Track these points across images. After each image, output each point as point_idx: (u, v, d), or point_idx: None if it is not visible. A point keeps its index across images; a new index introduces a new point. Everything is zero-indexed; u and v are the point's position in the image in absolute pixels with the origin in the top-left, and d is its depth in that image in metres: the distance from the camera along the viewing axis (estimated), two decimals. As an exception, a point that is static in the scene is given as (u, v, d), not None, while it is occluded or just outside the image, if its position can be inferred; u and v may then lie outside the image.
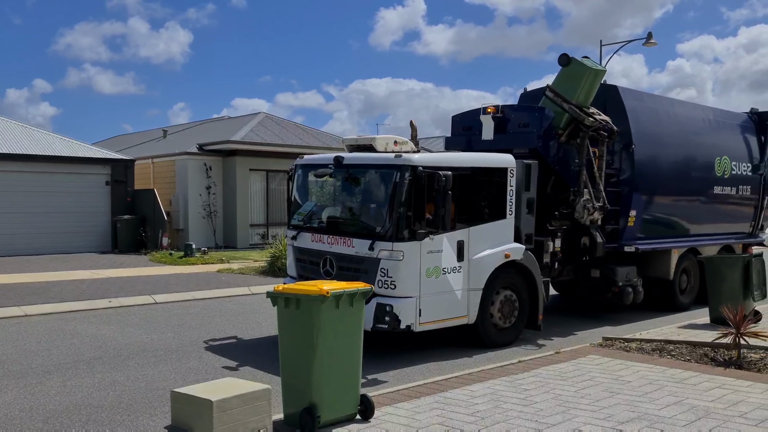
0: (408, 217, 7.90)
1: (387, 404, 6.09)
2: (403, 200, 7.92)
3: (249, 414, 3.72)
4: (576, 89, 10.00)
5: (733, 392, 6.38)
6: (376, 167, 8.41)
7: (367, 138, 9.03)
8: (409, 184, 7.91)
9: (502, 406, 6.01)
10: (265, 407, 3.88)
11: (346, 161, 8.58)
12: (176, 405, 3.72)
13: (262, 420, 3.83)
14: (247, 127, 24.69)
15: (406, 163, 8.00)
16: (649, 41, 24.95)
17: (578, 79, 10.00)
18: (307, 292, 5.40)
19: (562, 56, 10.11)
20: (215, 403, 3.57)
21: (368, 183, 8.58)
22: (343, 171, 8.66)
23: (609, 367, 7.49)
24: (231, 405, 3.63)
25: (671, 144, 11.81)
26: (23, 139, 21.93)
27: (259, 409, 3.80)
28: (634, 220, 11.06)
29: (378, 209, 8.38)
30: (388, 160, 8.22)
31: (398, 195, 7.96)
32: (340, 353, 5.50)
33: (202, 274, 15.87)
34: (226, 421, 3.61)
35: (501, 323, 8.90)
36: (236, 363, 8.03)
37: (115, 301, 12.01)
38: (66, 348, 8.74)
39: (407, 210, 7.90)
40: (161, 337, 9.47)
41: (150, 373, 7.56)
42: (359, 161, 8.60)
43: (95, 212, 21.84)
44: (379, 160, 8.41)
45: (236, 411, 3.65)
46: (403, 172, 7.97)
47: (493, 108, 10.37)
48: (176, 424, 3.75)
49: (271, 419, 3.86)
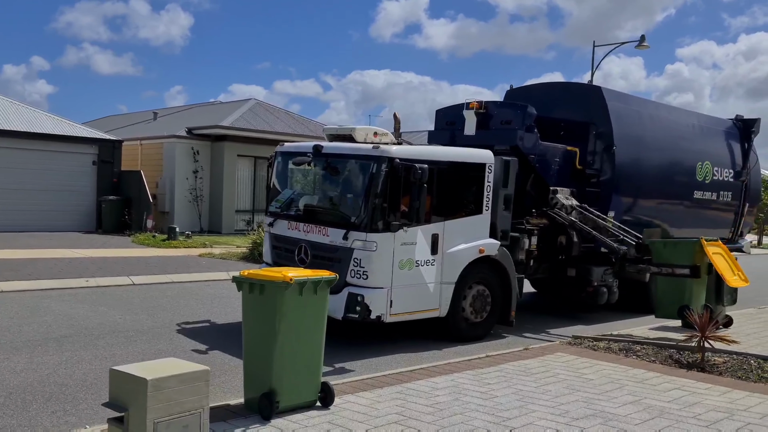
0: (383, 208, 7.94)
1: (349, 393, 6.14)
2: (379, 191, 7.96)
3: (186, 394, 3.74)
4: None
5: (690, 394, 6.47)
6: (354, 157, 8.44)
7: (346, 128, 9.05)
8: (386, 176, 7.95)
9: (462, 399, 6.07)
10: (203, 388, 3.91)
11: (324, 150, 8.61)
12: (114, 382, 3.76)
13: (200, 401, 3.86)
14: (237, 113, 24.62)
15: (383, 154, 8.03)
16: (641, 44, 25.04)
17: None
18: (272, 278, 5.43)
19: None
20: (150, 382, 3.59)
21: (345, 173, 8.61)
22: (321, 160, 8.68)
23: (574, 365, 7.57)
24: (167, 384, 3.66)
25: (653, 147, 11.88)
26: (11, 116, 21.79)
27: (196, 389, 3.82)
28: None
29: (354, 199, 8.41)
30: (366, 150, 8.25)
31: (374, 186, 8.00)
32: (302, 340, 5.54)
33: (183, 257, 15.88)
34: (161, 399, 3.64)
35: (472, 318, 8.96)
36: (206, 347, 8.07)
37: (92, 281, 12.00)
38: (37, 325, 8.74)
39: (383, 201, 7.94)
40: (134, 318, 9.49)
41: (118, 353, 7.58)
42: (337, 151, 8.63)
43: (81, 192, 21.77)
44: (356, 151, 8.44)
45: (172, 391, 3.67)
46: (380, 164, 8.00)
47: (476, 103, 10.40)
48: (113, 401, 3.78)
49: (208, 400, 3.90)
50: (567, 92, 11.88)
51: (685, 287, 9.26)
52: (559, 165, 10.57)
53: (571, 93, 11.77)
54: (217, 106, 30.35)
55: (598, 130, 11.01)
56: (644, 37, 25.06)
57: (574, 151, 10.79)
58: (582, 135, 11.04)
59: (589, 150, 11.02)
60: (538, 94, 11.93)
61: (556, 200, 10.17)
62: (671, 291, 9.41)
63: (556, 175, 10.51)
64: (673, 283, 9.37)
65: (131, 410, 3.69)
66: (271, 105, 28.34)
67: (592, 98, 11.20)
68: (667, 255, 9.48)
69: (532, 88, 12.41)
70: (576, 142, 10.95)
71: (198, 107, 31.43)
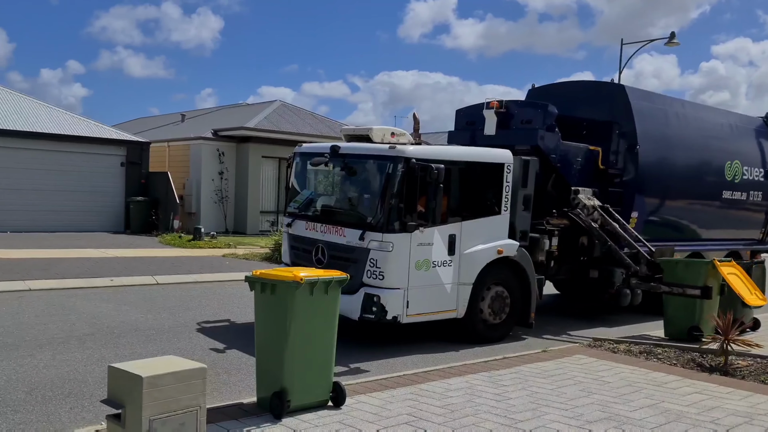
0: (399, 208, 7.93)
1: (362, 393, 6.15)
2: (395, 191, 7.95)
3: (182, 392, 3.77)
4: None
5: (710, 398, 6.34)
6: (370, 157, 8.44)
7: (364, 128, 9.06)
8: (402, 176, 7.94)
9: (475, 401, 6.03)
10: (200, 386, 3.93)
11: (341, 151, 8.63)
12: (112, 379, 3.81)
13: (196, 398, 3.87)
14: (262, 115, 24.84)
15: (399, 154, 8.02)
16: (671, 41, 24.63)
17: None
18: (283, 278, 5.46)
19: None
20: (145, 379, 3.63)
21: (362, 173, 8.61)
22: (338, 160, 8.69)
23: (592, 367, 7.47)
24: (163, 382, 3.69)
25: (679, 146, 11.67)
26: (43, 119, 22.28)
27: (193, 387, 3.84)
28: (635, 222, 10.97)
29: (370, 199, 8.41)
30: (382, 150, 8.25)
31: (390, 186, 7.99)
32: (313, 340, 5.56)
33: (207, 257, 16.06)
34: (157, 397, 3.67)
35: (491, 319, 8.90)
36: (224, 345, 8.14)
37: (116, 280, 12.21)
38: (62, 323, 8.92)
39: (399, 201, 7.93)
40: (156, 317, 9.63)
41: (139, 352, 7.69)
42: (354, 151, 8.64)
43: (110, 192, 22.16)
44: (373, 151, 8.44)
45: (168, 388, 3.70)
46: (396, 163, 7.99)
47: (496, 103, 10.32)
48: (111, 398, 3.83)
49: (204, 398, 3.91)
50: (590, 91, 11.74)
51: (696, 308, 8.95)
52: (581, 165, 10.44)
53: (594, 92, 11.63)
54: (243, 107, 30.64)
55: (621, 129, 10.86)
56: (674, 34, 24.68)
57: (596, 150, 10.65)
58: (605, 134, 10.89)
59: (612, 149, 10.87)
60: (561, 93, 11.81)
61: (578, 200, 10.05)
62: (682, 310, 9.09)
63: (578, 174, 10.39)
64: (683, 302, 9.06)
65: (127, 407, 3.75)
66: (295, 106, 28.54)
67: (615, 97, 11.06)
68: (679, 275, 9.24)
69: (554, 87, 12.29)
70: (599, 142, 10.81)
71: (225, 109, 31.80)
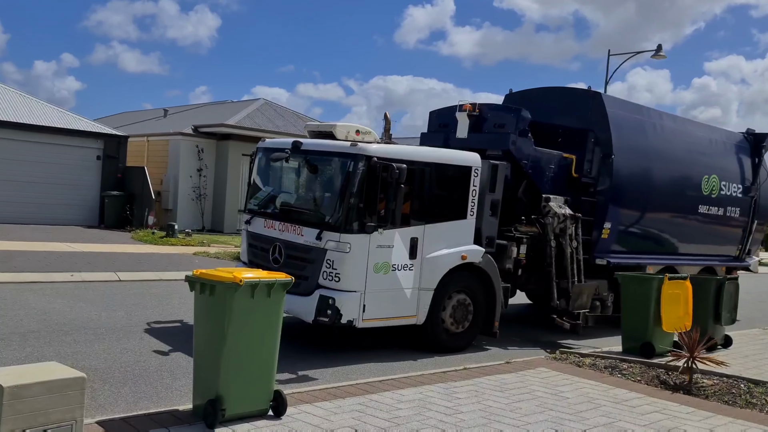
0: (359, 208, 7.64)
1: (308, 402, 5.86)
2: (355, 190, 7.66)
3: (54, 404, 3.41)
4: None
5: (669, 418, 6.09)
6: (331, 154, 8.13)
7: (328, 125, 8.75)
8: (362, 174, 7.65)
9: (424, 414, 5.75)
10: (77, 397, 3.56)
11: (303, 147, 8.32)
12: None
13: (71, 411, 3.51)
14: (244, 112, 24.49)
15: (360, 152, 7.73)
16: (657, 54, 24.51)
17: None
18: (222, 278, 5.18)
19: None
20: (7, 390, 3.27)
21: (322, 170, 8.30)
22: (299, 157, 8.38)
23: (553, 381, 7.22)
24: (30, 393, 3.32)
25: (656, 157, 11.43)
26: (20, 108, 21.81)
27: (68, 399, 3.49)
28: (608, 233, 10.72)
29: (330, 198, 8.14)
30: (343, 148, 7.96)
31: (350, 184, 7.70)
32: (253, 345, 5.26)
33: (177, 255, 15.69)
34: (20, 410, 3.31)
35: (453, 328, 8.61)
36: (173, 347, 7.80)
37: (77, 276, 11.83)
38: (8, 319, 8.55)
39: (358, 201, 7.64)
40: (110, 315, 9.28)
41: (81, 351, 7.36)
42: (315, 147, 8.33)
43: (85, 186, 21.70)
44: (334, 148, 8.13)
45: (36, 399, 3.34)
46: (356, 161, 7.70)
47: (469, 105, 10.06)
48: None
49: (82, 411, 3.58)
50: (566, 97, 11.45)
51: (648, 324, 8.67)
52: (553, 172, 10.18)
53: (570, 98, 11.34)
54: (227, 105, 30.25)
55: (596, 138, 10.58)
56: (661, 47, 24.52)
57: (570, 158, 10.40)
58: (580, 142, 10.62)
59: (587, 158, 10.60)
60: (537, 98, 11.54)
61: (549, 208, 9.78)
62: (635, 325, 8.84)
63: (551, 182, 10.13)
64: (635, 319, 8.82)
65: (-13, 420, 3.37)
66: (280, 105, 28.20)
67: (591, 104, 10.78)
68: (633, 290, 9.01)
69: (532, 92, 12.02)
70: (574, 150, 10.56)
71: (208, 106, 31.41)
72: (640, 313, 8.83)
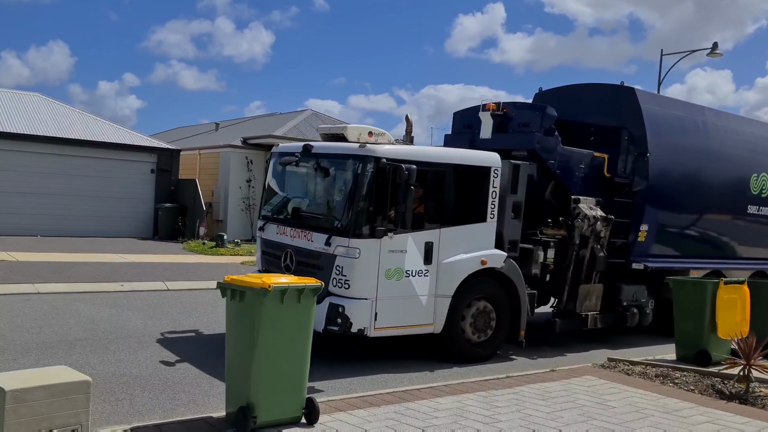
0: (368, 211, 7.37)
1: (344, 410, 5.78)
2: (364, 193, 7.40)
3: (58, 408, 3.39)
4: None
5: (722, 428, 5.75)
6: (340, 157, 7.88)
7: (339, 127, 8.46)
8: (372, 177, 7.39)
9: (461, 422, 5.59)
10: (82, 402, 3.52)
11: (313, 150, 8.10)
12: None
13: (76, 416, 3.48)
14: (291, 123, 24.78)
15: (368, 153, 7.47)
16: (713, 52, 23.64)
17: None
18: (251, 284, 5.15)
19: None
20: (9, 393, 3.26)
21: (332, 174, 8.05)
22: (310, 160, 8.18)
23: (599, 390, 6.93)
24: (33, 396, 3.30)
25: (696, 156, 10.79)
26: (76, 125, 22.63)
27: (73, 403, 3.45)
28: (645, 235, 10.15)
29: (339, 202, 7.90)
30: (352, 149, 7.71)
31: (359, 187, 7.44)
32: (284, 352, 5.21)
33: (225, 264, 15.91)
34: (24, 414, 3.28)
35: (474, 337, 8.21)
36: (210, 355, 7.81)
37: (126, 285, 12.10)
38: (58, 327, 8.78)
39: (368, 204, 7.38)
40: (156, 323, 9.42)
41: (125, 359, 7.48)
42: (325, 150, 8.11)
43: (140, 199, 22.32)
44: (343, 150, 7.88)
45: (39, 403, 3.31)
46: (365, 163, 7.44)
47: (493, 105, 9.73)
48: None
49: (87, 415, 3.55)
50: (598, 94, 10.94)
51: (703, 331, 8.27)
52: (584, 172, 9.72)
53: (603, 95, 10.84)
54: (276, 117, 30.67)
55: (630, 136, 10.08)
56: (716, 45, 23.66)
57: (602, 157, 9.91)
58: (614, 140, 10.12)
59: (621, 157, 10.09)
60: (569, 96, 11.11)
61: (579, 210, 9.31)
62: (690, 333, 8.44)
63: (581, 182, 9.66)
64: (691, 324, 8.42)
65: (-10, 424, 3.37)
66: (326, 115, 28.41)
67: (625, 101, 10.26)
68: (686, 295, 8.59)
69: (562, 90, 11.59)
70: (608, 149, 10.07)
71: (258, 118, 31.92)
72: (695, 319, 8.44)
